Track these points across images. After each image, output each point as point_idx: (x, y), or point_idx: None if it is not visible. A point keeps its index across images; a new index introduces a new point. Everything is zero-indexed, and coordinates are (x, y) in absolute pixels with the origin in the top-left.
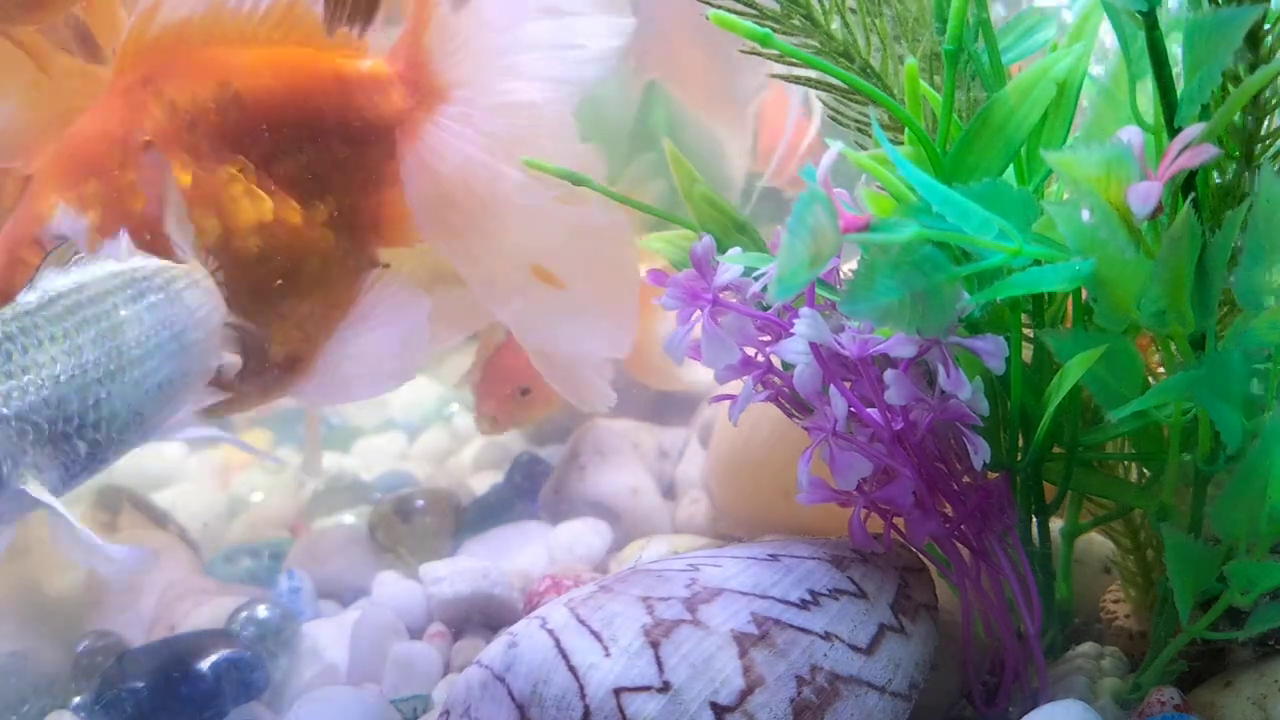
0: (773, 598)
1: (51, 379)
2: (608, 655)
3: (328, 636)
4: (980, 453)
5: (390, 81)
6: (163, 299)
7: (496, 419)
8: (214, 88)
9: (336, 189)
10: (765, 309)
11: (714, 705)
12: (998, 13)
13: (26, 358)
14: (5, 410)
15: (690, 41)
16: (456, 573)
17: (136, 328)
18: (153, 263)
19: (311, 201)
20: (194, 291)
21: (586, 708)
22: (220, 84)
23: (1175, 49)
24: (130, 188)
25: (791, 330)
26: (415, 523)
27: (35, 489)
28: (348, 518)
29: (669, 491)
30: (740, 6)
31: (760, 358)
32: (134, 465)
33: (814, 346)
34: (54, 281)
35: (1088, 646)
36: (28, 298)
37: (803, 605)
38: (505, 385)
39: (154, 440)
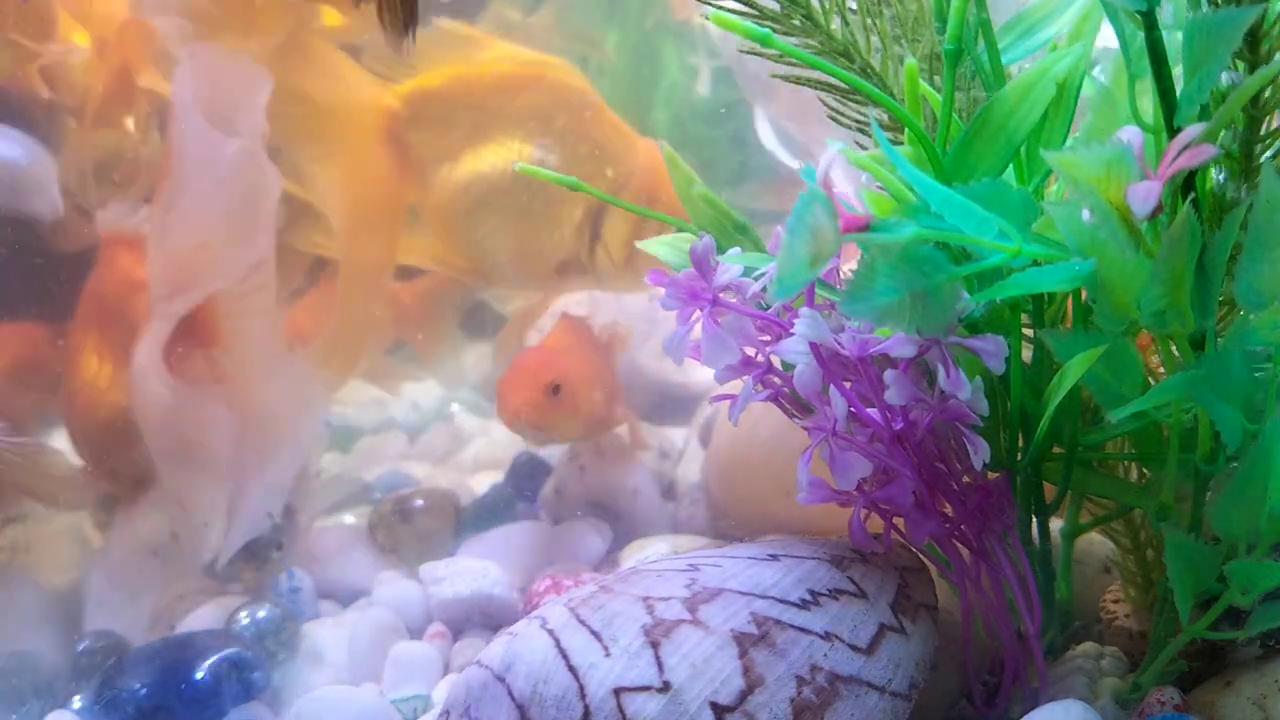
0: (773, 598)
1: None
2: (608, 655)
3: (328, 636)
4: (980, 453)
5: None
6: None
7: (523, 418)
8: None
9: None
10: (765, 309)
11: (714, 705)
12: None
13: None
14: None
15: None
16: (456, 573)
17: None
18: None
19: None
20: None
21: (586, 708)
22: None
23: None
24: None
25: (791, 330)
26: (415, 523)
27: None
28: (348, 518)
29: (669, 491)
30: (740, 6)
31: (760, 358)
32: None
33: (814, 346)
34: None
35: (1088, 646)
36: None
37: (803, 605)
38: (533, 381)
39: None
